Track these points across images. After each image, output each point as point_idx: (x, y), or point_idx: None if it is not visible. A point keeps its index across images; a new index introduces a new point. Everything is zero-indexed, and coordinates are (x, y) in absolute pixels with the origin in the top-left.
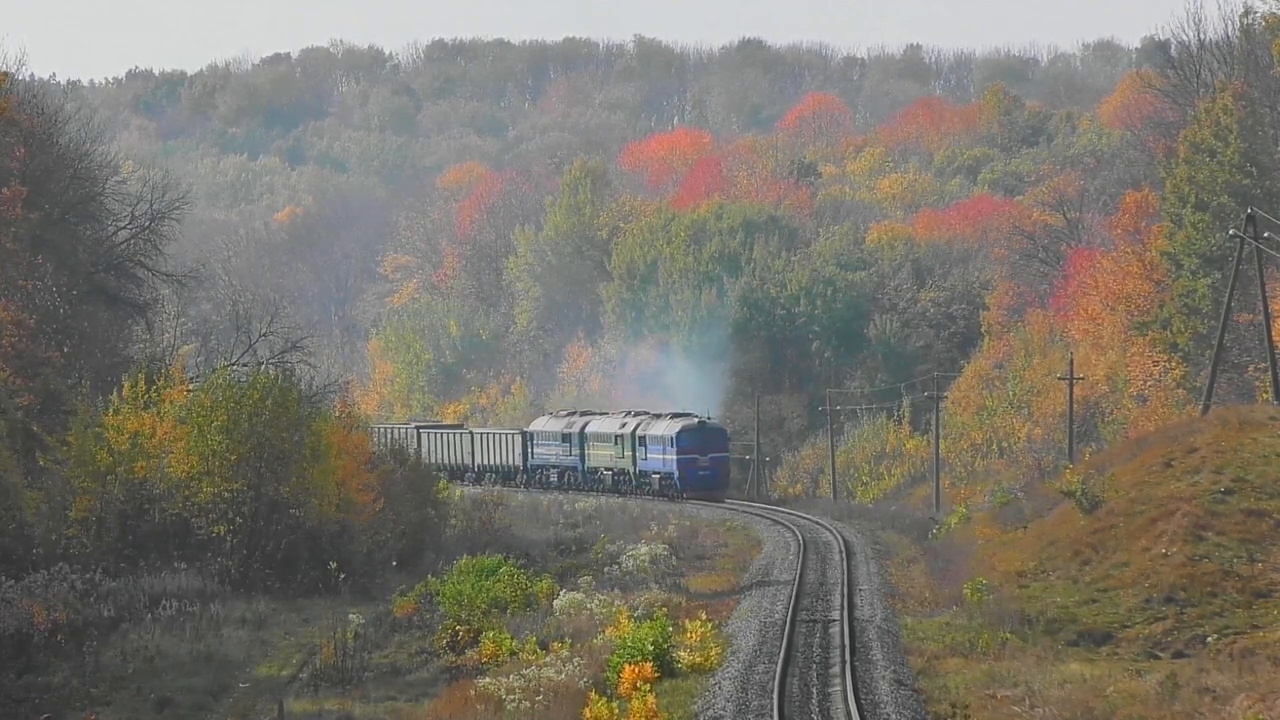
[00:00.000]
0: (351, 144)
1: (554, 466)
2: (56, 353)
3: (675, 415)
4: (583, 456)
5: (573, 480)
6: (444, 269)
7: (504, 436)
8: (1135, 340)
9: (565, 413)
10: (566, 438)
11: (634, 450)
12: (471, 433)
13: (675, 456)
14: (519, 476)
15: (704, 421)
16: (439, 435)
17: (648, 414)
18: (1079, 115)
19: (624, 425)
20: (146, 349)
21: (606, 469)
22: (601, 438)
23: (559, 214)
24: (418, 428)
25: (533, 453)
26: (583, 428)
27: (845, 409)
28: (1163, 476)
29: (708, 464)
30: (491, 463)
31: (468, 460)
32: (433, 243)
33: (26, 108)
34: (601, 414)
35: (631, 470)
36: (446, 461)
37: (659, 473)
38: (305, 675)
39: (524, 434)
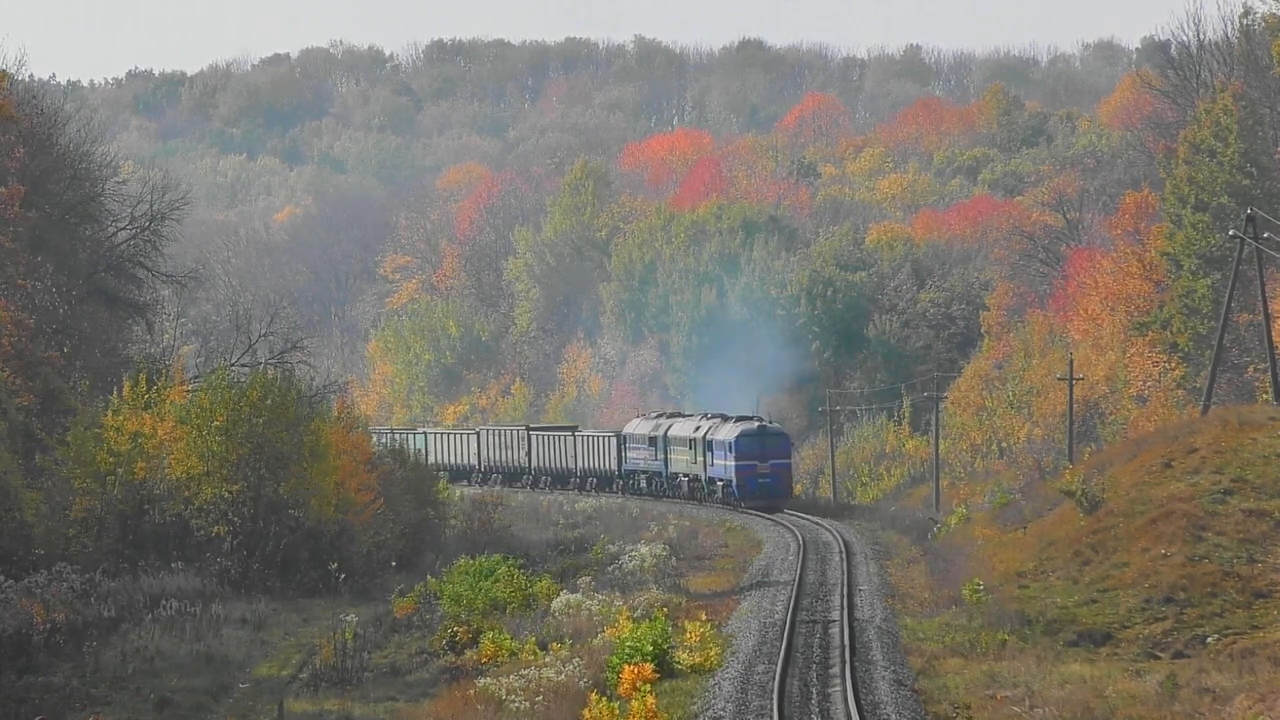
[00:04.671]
0: (351, 144)
1: (643, 472)
2: (56, 353)
3: (740, 418)
4: (666, 461)
5: (658, 486)
6: (443, 269)
7: (601, 439)
8: (1135, 340)
9: (655, 414)
10: (653, 441)
11: (703, 456)
12: (576, 435)
13: (734, 463)
14: (614, 482)
15: (764, 425)
16: (549, 438)
17: (720, 417)
18: (1079, 115)
19: (697, 429)
20: (146, 349)
21: (684, 475)
22: (680, 442)
23: (559, 214)
24: (528, 429)
25: (626, 457)
26: (666, 431)
27: (845, 409)
28: (1162, 477)
29: (768, 471)
30: (592, 467)
31: (573, 464)
32: (432, 243)
33: (26, 108)
34: (686, 416)
35: (702, 477)
36: (554, 466)
37: (722, 480)
38: (305, 675)
39: (619, 437)
